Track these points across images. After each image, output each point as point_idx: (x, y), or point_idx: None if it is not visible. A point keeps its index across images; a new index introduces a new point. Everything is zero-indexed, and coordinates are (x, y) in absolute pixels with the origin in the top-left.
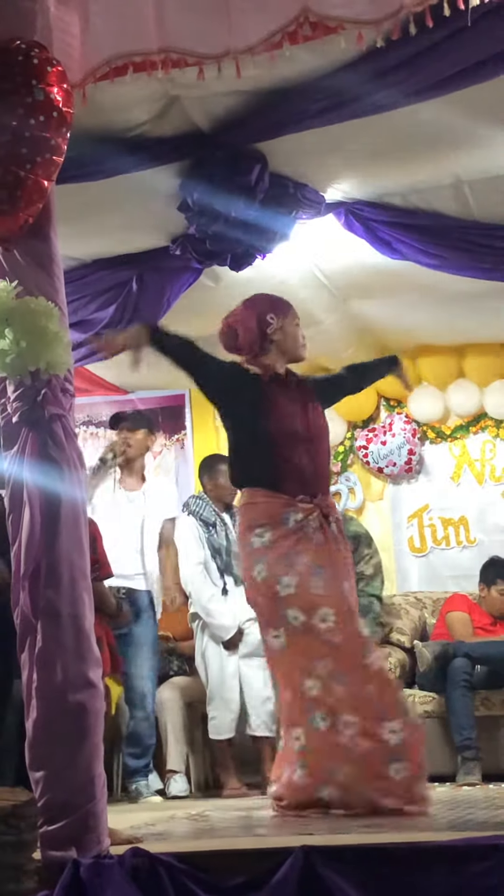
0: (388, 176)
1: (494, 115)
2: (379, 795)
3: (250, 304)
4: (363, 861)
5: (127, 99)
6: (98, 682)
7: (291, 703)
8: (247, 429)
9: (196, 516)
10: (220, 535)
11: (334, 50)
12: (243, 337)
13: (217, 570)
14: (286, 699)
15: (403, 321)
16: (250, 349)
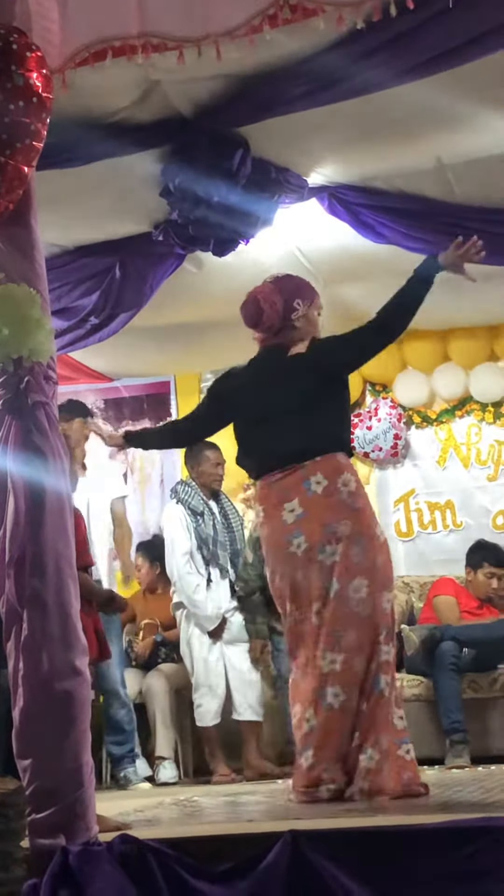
0: (370, 159)
1: (475, 97)
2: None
3: (280, 284)
4: (352, 845)
5: (107, 84)
6: (85, 669)
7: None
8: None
9: (185, 504)
10: (207, 525)
11: (315, 33)
12: (267, 316)
13: (203, 560)
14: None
15: None
16: (269, 329)
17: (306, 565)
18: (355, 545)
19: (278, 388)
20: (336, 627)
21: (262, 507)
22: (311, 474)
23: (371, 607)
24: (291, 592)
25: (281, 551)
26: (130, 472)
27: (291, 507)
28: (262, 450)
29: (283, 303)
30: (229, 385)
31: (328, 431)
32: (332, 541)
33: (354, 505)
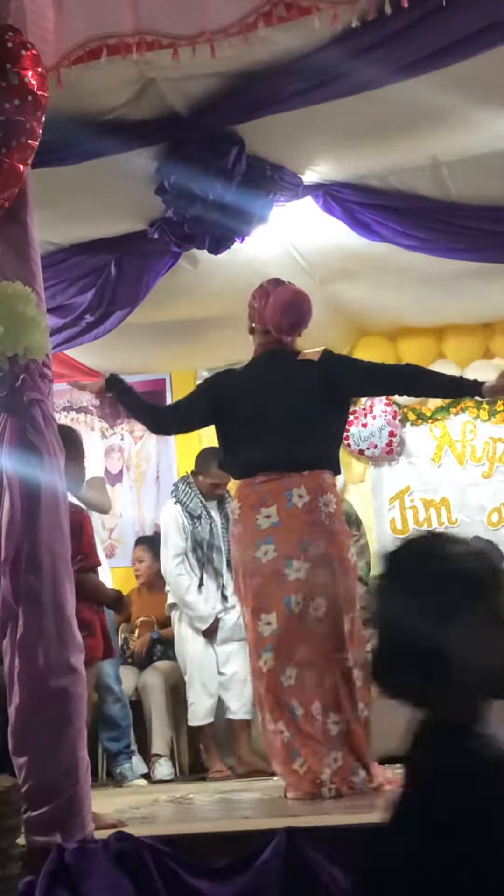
0: (366, 158)
1: (469, 95)
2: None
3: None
4: (347, 842)
5: (102, 82)
6: (80, 667)
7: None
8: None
9: (183, 506)
10: (203, 529)
11: (310, 31)
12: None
13: (196, 562)
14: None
15: (383, 303)
16: (299, 332)
17: (267, 574)
18: (323, 567)
19: (283, 390)
20: (292, 642)
21: (238, 505)
22: (294, 486)
23: (328, 627)
24: (245, 597)
25: (247, 553)
26: (126, 469)
27: (268, 513)
28: (252, 451)
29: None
30: (225, 386)
31: (321, 447)
32: (300, 557)
33: (331, 527)
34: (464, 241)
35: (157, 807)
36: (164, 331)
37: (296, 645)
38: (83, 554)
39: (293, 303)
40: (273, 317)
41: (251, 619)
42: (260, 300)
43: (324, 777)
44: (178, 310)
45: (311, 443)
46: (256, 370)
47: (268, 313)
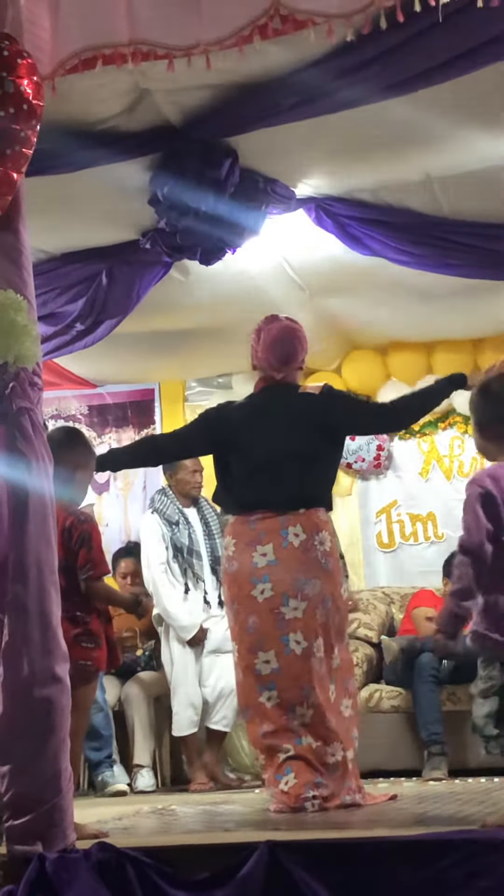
0: (358, 172)
1: (462, 112)
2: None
3: (300, 326)
4: (329, 856)
5: (97, 92)
6: (65, 677)
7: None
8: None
9: (160, 514)
10: (182, 534)
11: (305, 45)
12: (301, 354)
13: (179, 569)
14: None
15: (373, 317)
16: (293, 367)
17: (264, 613)
18: (321, 606)
19: (280, 427)
20: (305, 684)
21: (233, 541)
22: (289, 524)
23: (327, 666)
24: (240, 635)
25: (243, 591)
26: (113, 478)
27: (264, 551)
28: (249, 489)
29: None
30: (225, 420)
31: (317, 486)
32: (298, 596)
33: (327, 565)
34: (455, 256)
35: (139, 818)
36: (153, 340)
37: (302, 685)
38: (92, 562)
39: (281, 338)
40: (264, 354)
41: (247, 655)
42: (255, 338)
43: (309, 794)
44: (168, 320)
45: (308, 481)
46: (255, 407)
47: (260, 351)
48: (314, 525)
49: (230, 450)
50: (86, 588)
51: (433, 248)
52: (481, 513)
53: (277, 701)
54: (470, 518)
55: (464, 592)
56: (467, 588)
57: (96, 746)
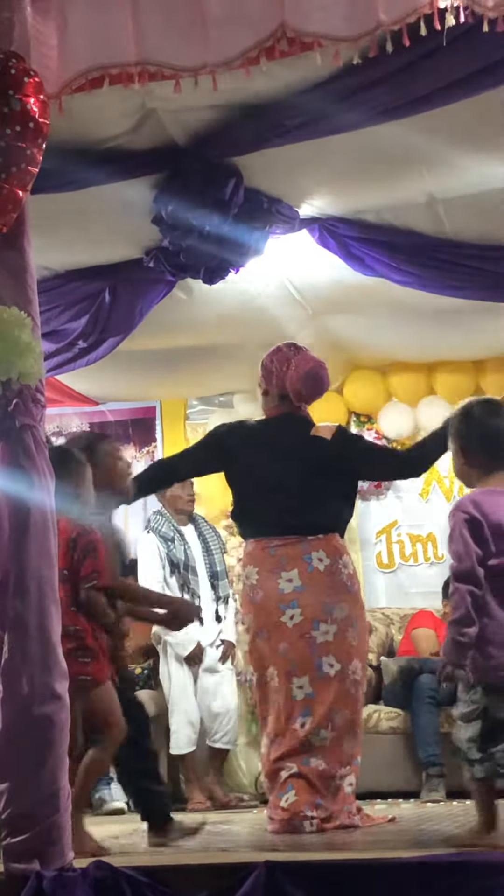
0: (362, 193)
1: (466, 135)
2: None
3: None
4: (327, 878)
5: (103, 111)
6: (64, 694)
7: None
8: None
9: (156, 532)
10: (178, 550)
11: (311, 66)
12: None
13: (176, 585)
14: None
15: (375, 337)
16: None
17: (294, 638)
18: (351, 628)
19: (298, 456)
20: (334, 706)
21: (255, 570)
22: (312, 549)
23: (357, 687)
24: (272, 658)
25: (272, 619)
26: None
27: (289, 577)
28: (269, 513)
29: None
30: (238, 437)
31: (336, 512)
32: (327, 620)
33: (352, 588)
34: (457, 278)
35: (137, 837)
36: (156, 359)
37: (334, 708)
38: (98, 572)
39: (316, 373)
40: (295, 385)
41: (283, 681)
42: (280, 365)
43: (308, 813)
44: (170, 338)
45: (327, 507)
46: (272, 431)
47: (289, 380)
48: (336, 550)
49: (245, 469)
50: (86, 597)
51: (436, 269)
52: (469, 538)
53: (310, 727)
54: (459, 545)
55: (464, 620)
56: (466, 615)
57: None
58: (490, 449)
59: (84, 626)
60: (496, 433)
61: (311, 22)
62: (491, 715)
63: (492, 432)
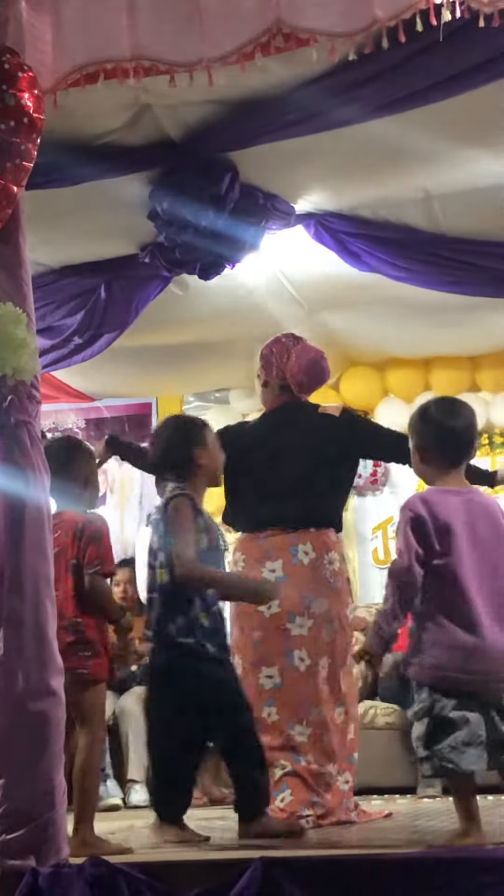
0: (358, 188)
1: (461, 130)
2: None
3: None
4: (324, 874)
5: (98, 106)
6: (60, 690)
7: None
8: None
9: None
10: None
11: (306, 62)
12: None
13: None
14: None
15: (371, 333)
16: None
17: (270, 629)
18: (327, 624)
19: (296, 446)
20: (303, 701)
21: (242, 557)
22: (300, 542)
23: (329, 685)
24: (244, 649)
25: (250, 606)
26: (110, 491)
27: (273, 567)
28: (260, 507)
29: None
30: (238, 439)
31: (329, 507)
32: (304, 613)
33: (335, 585)
34: (453, 273)
35: (133, 833)
36: (151, 355)
37: (303, 702)
38: (101, 558)
39: (317, 362)
40: (297, 374)
41: (251, 670)
42: (280, 355)
43: (304, 812)
44: (166, 334)
45: (320, 501)
46: (271, 424)
47: (291, 370)
48: (324, 544)
49: (241, 468)
50: (90, 583)
51: (432, 264)
52: (412, 537)
53: (277, 718)
54: (401, 542)
55: (389, 614)
56: (392, 609)
57: None
58: (446, 448)
59: (87, 619)
60: (452, 433)
61: (306, 18)
62: (435, 714)
63: (448, 432)
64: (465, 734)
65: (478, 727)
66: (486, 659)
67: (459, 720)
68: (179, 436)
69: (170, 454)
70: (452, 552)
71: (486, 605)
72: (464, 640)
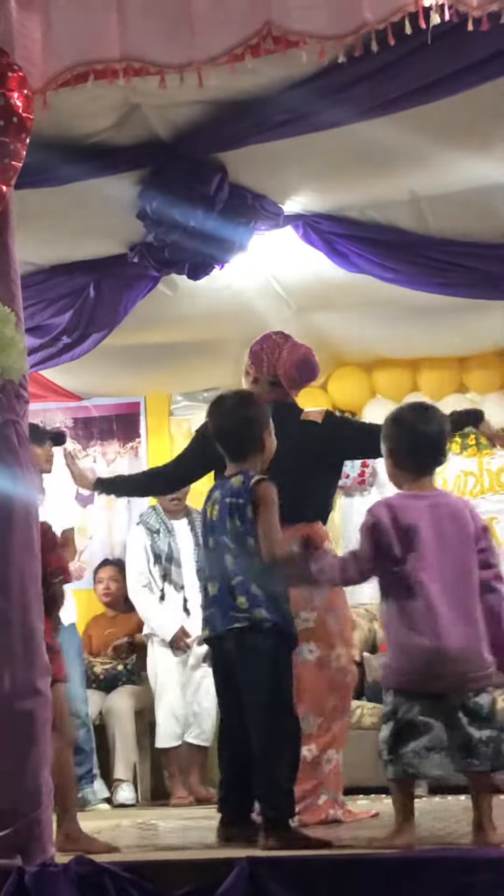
0: (346, 189)
1: (449, 133)
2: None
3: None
4: (310, 873)
5: (88, 106)
6: (46, 689)
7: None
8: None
9: (144, 525)
10: (162, 542)
11: (295, 63)
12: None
13: (159, 575)
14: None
15: (359, 334)
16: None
17: None
18: (330, 614)
19: (285, 444)
20: (318, 693)
21: None
22: (293, 536)
23: (344, 674)
24: None
25: None
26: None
27: None
28: None
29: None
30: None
31: (318, 500)
32: (307, 608)
33: None
34: (441, 275)
35: (119, 832)
36: (140, 354)
37: (318, 695)
38: (62, 568)
39: (308, 359)
40: (289, 370)
41: None
42: (272, 352)
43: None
44: (154, 334)
45: (311, 495)
46: None
47: (282, 366)
48: (318, 536)
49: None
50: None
51: (419, 265)
52: (370, 542)
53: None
54: (359, 545)
55: (327, 571)
56: (335, 570)
57: (78, 761)
58: (418, 454)
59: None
60: (425, 439)
61: (296, 20)
62: (400, 717)
63: (421, 438)
64: (429, 740)
65: (441, 732)
66: (450, 661)
67: (423, 725)
68: (253, 415)
69: (245, 433)
70: (415, 556)
71: (451, 608)
72: (426, 644)
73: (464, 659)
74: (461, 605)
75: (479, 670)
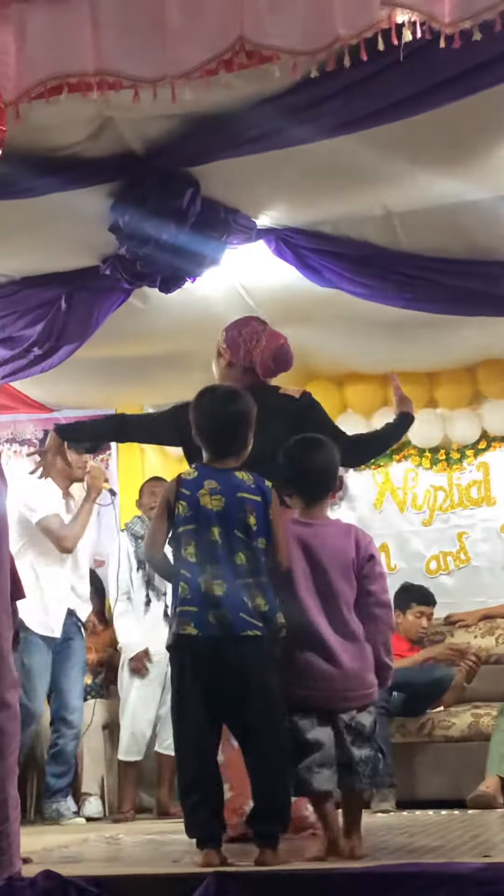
0: (319, 204)
1: (421, 149)
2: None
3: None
4: (277, 887)
5: (61, 118)
6: (14, 703)
7: None
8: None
9: (128, 531)
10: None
11: (268, 78)
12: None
13: (142, 582)
14: None
15: (331, 348)
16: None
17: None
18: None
19: (260, 426)
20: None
21: None
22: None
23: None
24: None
25: None
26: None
27: None
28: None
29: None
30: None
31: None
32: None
33: None
34: (411, 290)
35: (87, 846)
36: (111, 366)
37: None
38: (17, 585)
39: (286, 349)
40: (266, 359)
41: None
42: (249, 339)
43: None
44: (126, 346)
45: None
46: None
47: (259, 356)
48: None
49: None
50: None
51: (391, 281)
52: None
53: None
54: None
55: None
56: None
57: (61, 772)
58: (306, 484)
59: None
60: (311, 468)
61: (269, 35)
62: (293, 735)
63: (307, 468)
64: (320, 756)
65: (330, 750)
66: (336, 679)
67: (315, 743)
68: (246, 413)
69: (242, 432)
70: (294, 586)
71: (334, 630)
72: (319, 668)
73: (345, 677)
74: (341, 627)
75: (363, 689)
